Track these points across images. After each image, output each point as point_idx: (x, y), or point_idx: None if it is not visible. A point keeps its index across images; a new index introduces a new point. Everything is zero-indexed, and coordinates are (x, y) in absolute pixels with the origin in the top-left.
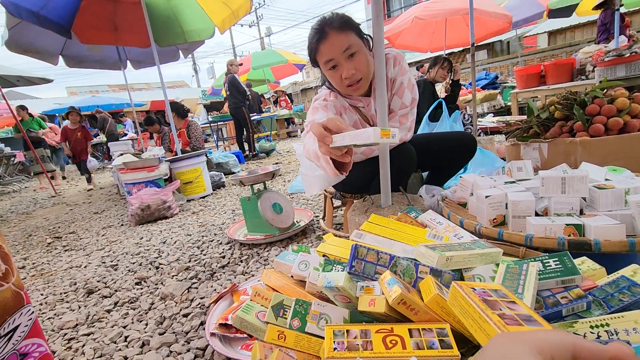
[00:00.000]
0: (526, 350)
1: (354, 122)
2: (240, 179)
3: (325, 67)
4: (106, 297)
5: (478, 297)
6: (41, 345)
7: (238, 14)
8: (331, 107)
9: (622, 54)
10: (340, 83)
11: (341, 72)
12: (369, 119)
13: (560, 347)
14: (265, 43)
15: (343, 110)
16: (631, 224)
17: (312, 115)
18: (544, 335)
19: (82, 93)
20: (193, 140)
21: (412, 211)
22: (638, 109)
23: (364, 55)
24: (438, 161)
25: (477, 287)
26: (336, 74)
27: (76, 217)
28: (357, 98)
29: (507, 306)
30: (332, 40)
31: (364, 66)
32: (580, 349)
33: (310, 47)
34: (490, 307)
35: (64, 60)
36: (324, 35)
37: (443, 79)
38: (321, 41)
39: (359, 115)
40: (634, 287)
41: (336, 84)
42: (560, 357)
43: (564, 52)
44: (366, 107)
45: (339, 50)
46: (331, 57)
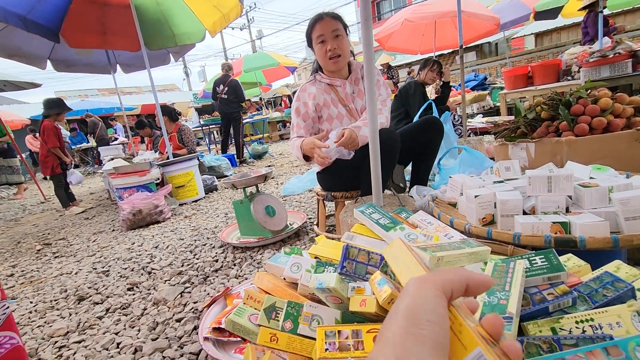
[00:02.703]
0: (433, 289)
1: (331, 100)
2: (232, 182)
3: (316, 42)
4: (98, 303)
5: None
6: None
7: (229, 17)
8: (301, 106)
9: (606, 54)
10: (325, 56)
11: (327, 46)
12: (343, 98)
13: (457, 282)
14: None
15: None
16: (615, 220)
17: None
18: (445, 274)
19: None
20: (188, 145)
21: (403, 212)
22: (620, 108)
23: (345, 41)
24: (413, 150)
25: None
26: (323, 47)
27: (66, 222)
28: (336, 78)
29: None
30: (325, 21)
31: (344, 47)
32: (471, 280)
33: (309, 26)
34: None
35: (52, 64)
36: (321, 18)
37: (433, 81)
38: (317, 21)
39: (335, 94)
40: (617, 282)
41: (321, 56)
42: (458, 290)
43: (551, 53)
44: (342, 86)
45: (329, 30)
46: (322, 32)
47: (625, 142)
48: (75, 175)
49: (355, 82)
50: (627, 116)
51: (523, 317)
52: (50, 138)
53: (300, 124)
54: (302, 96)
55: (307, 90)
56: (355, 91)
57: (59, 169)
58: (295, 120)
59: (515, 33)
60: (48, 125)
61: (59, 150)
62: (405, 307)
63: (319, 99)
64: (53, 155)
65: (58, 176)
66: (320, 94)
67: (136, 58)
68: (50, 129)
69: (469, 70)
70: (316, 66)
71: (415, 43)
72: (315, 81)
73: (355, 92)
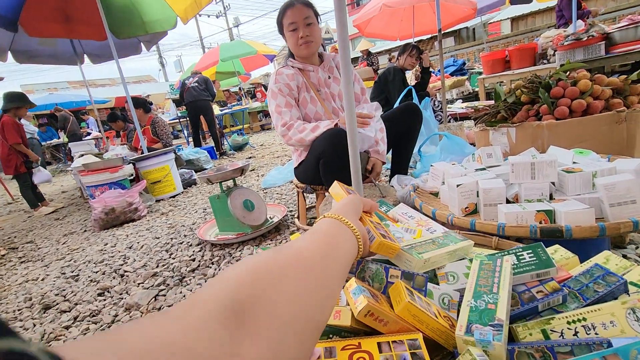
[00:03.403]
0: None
1: (303, 84)
2: (207, 176)
3: (288, 29)
4: (65, 311)
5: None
6: None
7: (201, 3)
8: (283, 87)
9: (580, 37)
10: (296, 42)
11: (299, 33)
12: (315, 83)
13: (360, 206)
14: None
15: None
16: (599, 207)
17: (274, 100)
18: (355, 203)
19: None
20: (163, 138)
21: (383, 205)
22: (599, 90)
23: (317, 28)
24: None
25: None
26: (295, 34)
27: (35, 224)
28: (309, 63)
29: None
30: (297, 8)
31: (316, 34)
32: (363, 203)
33: (280, 12)
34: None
35: (13, 55)
36: (292, 4)
37: (412, 67)
38: (289, 8)
39: (306, 79)
40: (608, 276)
41: (293, 43)
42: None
43: (526, 38)
44: (315, 72)
45: (301, 17)
46: (294, 20)
47: (605, 125)
48: (41, 173)
49: (329, 70)
50: (605, 98)
51: (511, 318)
52: (10, 134)
53: (290, 102)
54: (280, 78)
55: (283, 73)
56: (331, 77)
57: (23, 167)
58: (283, 101)
59: (492, 18)
60: (7, 120)
61: (23, 147)
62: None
63: (297, 80)
64: (16, 152)
65: (23, 175)
66: (295, 77)
67: (104, 48)
68: (10, 124)
69: (448, 56)
70: (288, 53)
71: (394, 29)
72: (287, 67)
73: (330, 77)
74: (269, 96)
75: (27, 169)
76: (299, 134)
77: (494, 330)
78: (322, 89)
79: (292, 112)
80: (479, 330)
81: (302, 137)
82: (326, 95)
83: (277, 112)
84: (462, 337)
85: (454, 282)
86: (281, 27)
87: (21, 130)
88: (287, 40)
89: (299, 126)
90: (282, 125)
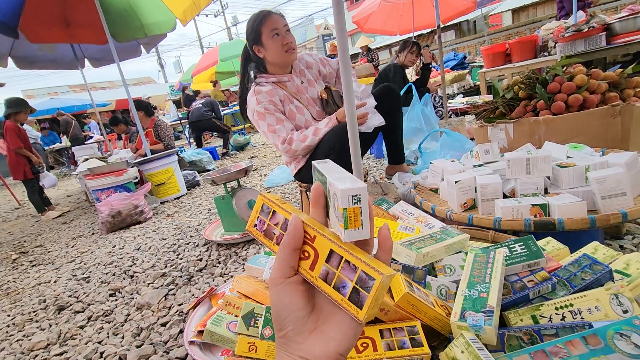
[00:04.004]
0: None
1: (282, 97)
2: (212, 178)
3: (269, 35)
4: (79, 312)
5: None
6: None
7: (200, 4)
8: (268, 105)
9: (581, 29)
10: (280, 48)
11: (282, 40)
12: (294, 92)
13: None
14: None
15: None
16: (592, 199)
17: (263, 121)
18: (275, 262)
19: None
20: (165, 140)
21: (384, 203)
22: (595, 84)
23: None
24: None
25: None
26: (278, 40)
27: (43, 228)
28: (283, 74)
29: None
30: (276, 16)
31: (295, 42)
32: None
33: (256, 20)
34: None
35: (14, 61)
36: (269, 13)
37: (412, 63)
38: (268, 16)
39: (286, 91)
40: (595, 265)
41: (276, 49)
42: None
43: (528, 29)
44: (290, 81)
45: (281, 24)
46: (276, 26)
47: (599, 119)
48: (49, 178)
49: (300, 73)
50: (601, 92)
51: (504, 305)
52: (12, 139)
53: (280, 117)
54: (261, 97)
55: (262, 91)
56: (305, 81)
57: (30, 173)
58: (272, 118)
59: (493, 9)
60: (9, 125)
61: (25, 150)
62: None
63: (278, 94)
64: (21, 157)
65: (31, 181)
66: (275, 92)
67: (105, 51)
68: (12, 129)
69: (449, 50)
70: (256, 72)
71: (394, 24)
72: (262, 84)
73: (304, 82)
74: (255, 119)
75: (34, 174)
76: (303, 143)
77: (485, 316)
78: (301, 95)
79: (285, 126)
80: (471, 316)
81: (307, 144)
82: (307, 101)
83: (272, 132)
84: (456, 323)
85: (451, 274)
86: (258, 35)
87: (23, 135)
88: (267, 47)
89: (299, 136)
90: (282, 142)
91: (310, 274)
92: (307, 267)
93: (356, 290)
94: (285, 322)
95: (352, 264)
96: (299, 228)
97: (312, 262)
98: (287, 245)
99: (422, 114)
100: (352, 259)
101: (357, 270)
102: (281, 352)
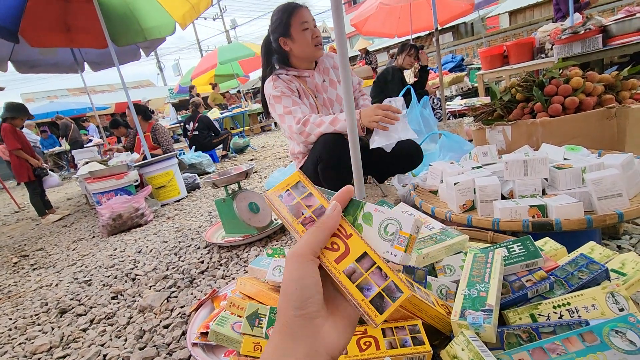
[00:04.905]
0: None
1: (300, 89)
2: (213, 181)
3: (300, 28)
4: (81, 315)
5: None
6: None
7: (199, 8)
8: (285, 90)
9: (577, 31)
10: (310, 42)
11: (312, 33)
12: (312, 89)
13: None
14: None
15: (289, 82)
16: (589, 200)
17: (279, 103)
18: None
19: (40, 99)
20: (163, 144)
21: (384, 204)
22: (591, 87)
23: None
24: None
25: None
26: (307, 34)
27: (43, 232)
28: (305, 69)
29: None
30: (305, 10)
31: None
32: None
33: (285, 12)
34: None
35: (14, 65)
36: (299, 6)
37: (410, 66)
38: (298, 9)
39: (303, 85)
40: (592, 264)
41: (305, 43)
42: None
43: (525, 31)
44: (311, 77)
45: (311, 18)
46: (306, 20)
47: (596, 121)
48: (52, 179)
49: (324, 71)
50: (597, 94)
51: (503, 305)
52: (9, 141)
53: (296, 100)
54: (278, 83)
55: (280, 78)
56: (327, 80)
57: (32, 175)
58: (289, 101)
59: (490, 12)
60: (6, 127)
61: (22, 153)
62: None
63: (296, 85)
64: (22, 159)
65: (33, 183)
66: (294, 82)
67: (104, 55)
68: (8, 131)
69: (447, 52)
70: (280, 62)
71: (392, 26)
72: (281, 74)
73: (326, 81)
74: (271, 104)
75: (36, 177)
76: (317, 128)
77: (484, 314)
78: (319, 95)
79: (301, 107)
80: (471, 315)
81: (321, 130)
82: (324, 102)
83: (287, 113)
84: (456, 322)
85: (451, 275)
86: (287, 28)
87: (21, 137)
88: (296, 40)
89: (316, 119)
90: (297, 122)
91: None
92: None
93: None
94: (309, 302)
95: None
96: (339, 217)
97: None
98: (326, 227)
99: (421, 116)
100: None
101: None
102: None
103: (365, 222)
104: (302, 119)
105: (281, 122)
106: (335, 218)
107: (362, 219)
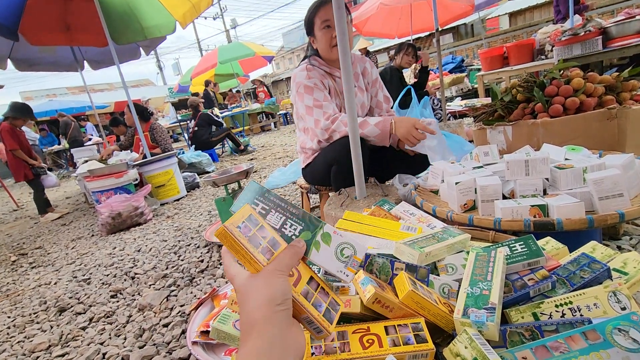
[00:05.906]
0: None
1: (329, 88)
2: (213, 180)
3: (320, 26)
4: (80, 313)
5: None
6: None
7: (199, 7)
8: (319, 83)
9: (577, 33)
10: (328, 43)
11: (333, 32)
12: (341, 90)
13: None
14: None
15: (322, 77)
16: (590, 200)
17: (310, 95)
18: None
19: (39, 97)
20: (162, 144)
21: (386, 204)
22: (592, 88)
23: (350, 28)
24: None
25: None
26: (328, 33)
27: (42, 230)
28: (335, 68)
29: (261, 235)
30: (330, 6)
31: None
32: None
33: (311, 11)
34: (254, 244)
35: (14, 63)
36: (324, 2)
37: (409, 65)
38: (322, 5)
39: (333, 83)
40: (593, 263)
41: (325, 42)
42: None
43: (525, 33)
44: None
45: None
46: (328, 17)
47: (597, 121)
48: (50, 178)
49: (354, 76)
50: (598, 95)
51: (505, 303)
52: (7, 140)
53: (327, 96)
54: (312, 74)
55: (313, 70)
56: (356, 86)
57: (30, 174)
58: (321, 95)
59: (490, 13)
60: (4, 126)
61: (21, 153)
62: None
63: (328, 82)
64: (19, 159)
65: (34, 181)
66: (326, 78)
67: (104, 54)
68: (6, 131)
69: (447, 53)
70: (312, 52)
71: (392, 27)
72: (312, 66)
73: (355, 87)
74: (301, 92)
75: (35, 175)
76: (344, 127)
77: (487, 312)
78: None
79: (332, 105)
80: (474, 313)
81: (346, 130)
82: None
83: (317, 107)
84: (459, 320)
85: (453, 273)
86: (311, 26)
87: (20, 137)
88: (317, 39)
89: (344, 118)
90: (327, 118)
91: (293, 289)
92: (290, 283)
93: (328, 310)
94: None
95: (326, 291)
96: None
97: (295, 281)
98: (298, 256)
99: (421, 117)
100: (326, 288)
101: (329, 296)
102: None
103: (324, 241)
104: (332, 116)
105: (307, 113)
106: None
107: (320, 237)
